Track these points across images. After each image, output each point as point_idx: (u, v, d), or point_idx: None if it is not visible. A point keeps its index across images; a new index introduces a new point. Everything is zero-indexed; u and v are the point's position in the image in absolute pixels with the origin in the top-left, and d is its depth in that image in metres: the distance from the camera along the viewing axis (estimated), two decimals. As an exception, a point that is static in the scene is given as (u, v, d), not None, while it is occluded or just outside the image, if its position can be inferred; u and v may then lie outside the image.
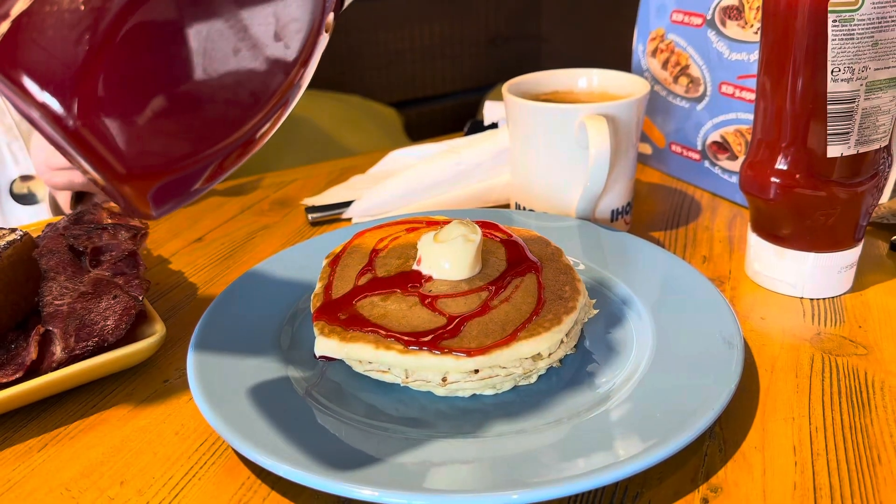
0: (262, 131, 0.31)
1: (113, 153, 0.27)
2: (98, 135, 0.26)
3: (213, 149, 0.29)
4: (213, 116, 0.29)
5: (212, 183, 0.30)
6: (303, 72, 0.31)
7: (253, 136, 0.31)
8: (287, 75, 0.30)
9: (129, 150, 0.27)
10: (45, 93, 0.26)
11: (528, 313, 0.42)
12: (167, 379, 0.47)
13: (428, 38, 1.98)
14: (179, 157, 0.28)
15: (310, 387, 0.43)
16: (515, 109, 0.58)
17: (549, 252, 0.48)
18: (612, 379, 0.42)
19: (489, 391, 0.41)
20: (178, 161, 0.28)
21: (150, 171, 0.28)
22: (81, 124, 0.26)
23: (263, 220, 0.70)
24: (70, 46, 0.26)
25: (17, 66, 0.26)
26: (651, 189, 0.72)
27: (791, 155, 0.49)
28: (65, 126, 0.26)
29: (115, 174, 0.27)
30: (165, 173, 0.28)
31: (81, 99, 0.26)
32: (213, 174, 0.30)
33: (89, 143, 0.26)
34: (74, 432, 0.42)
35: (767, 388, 0.43)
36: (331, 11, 0.32)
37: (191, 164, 0.29)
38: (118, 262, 0.50)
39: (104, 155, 0.27)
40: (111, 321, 0.45)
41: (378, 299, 0.44)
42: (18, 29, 0.26)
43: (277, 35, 0.30)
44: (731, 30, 0.63)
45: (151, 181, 0.28)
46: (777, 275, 0.53)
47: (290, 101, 0.32)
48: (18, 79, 0.26)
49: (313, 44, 0.31)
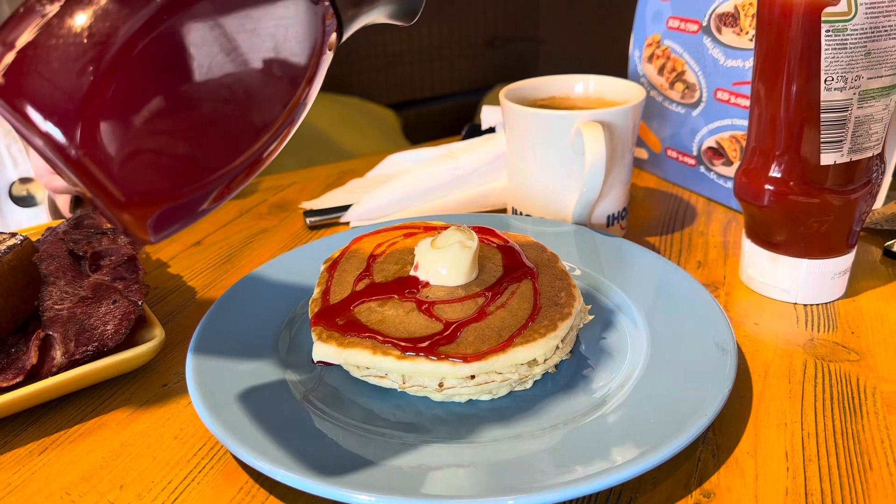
0: (268, 150, 0.32)
1: (113, 182, 0.27)
2: (99, 164, 0.27)
3: (218, 174, 0.29)
4: (219, 141, 0.29)
5: (218, 203, 0.31)
6: (308, 90, 0.32)
7: (260, 156, 0.31)
8: (292, 95, 0.31)
9: (130, 179, 0.27)
10: (48, 122, 0.26)
11: (524, 319, 0.42)
12: (166, 383, 0.47)
13: (426, 40, 1.99)
14: (181, 184, 0.29)
15: (307, 391, 0.43)
16: (512, 115, 0.59)
17: (545, 258, 0.49)
18: (607, 384, 0.43)
19: (485, 396, 0.42)
20: (180, 188, 0.29)
21: (151, 199, 0.28)
22: (83, 154, 0.26)
23: (262, 224, 0.71)
24: (73, 77, 0.26)
25: (21, 96, 0.26)
26: (647, 194, 0.73)
27: (785, 162, 0.50)
28: (66, 155, 0.26)
29: (114, 202, 0.27)
30: (166, 201, 0.29)
31: (83, 129, 0.26)
32: (220, 195, 0.30)
33: (90, 173, 0.27)
34: (74, 436, 0.43)
35: (760, 393, 0.44)
36: (332, 32, 0.33)
37: (193, 190, 0.29)
38: (117, 266, 0.50)
39: (105, 184, 0.27)
40: (111, 326, 0.46)
41: (375, 305, 0.44)
42: (23, 59, 0.26)
43: (280, 56, 0.30)
44: (726, 37, 0.64)
45: (151, 208, 0.28)
46: (771, 280, 0.53)
47: (296, 120, 0.32)
48: (22, 108, 0.26)
49: (317, 63, 0.32)
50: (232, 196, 0.31)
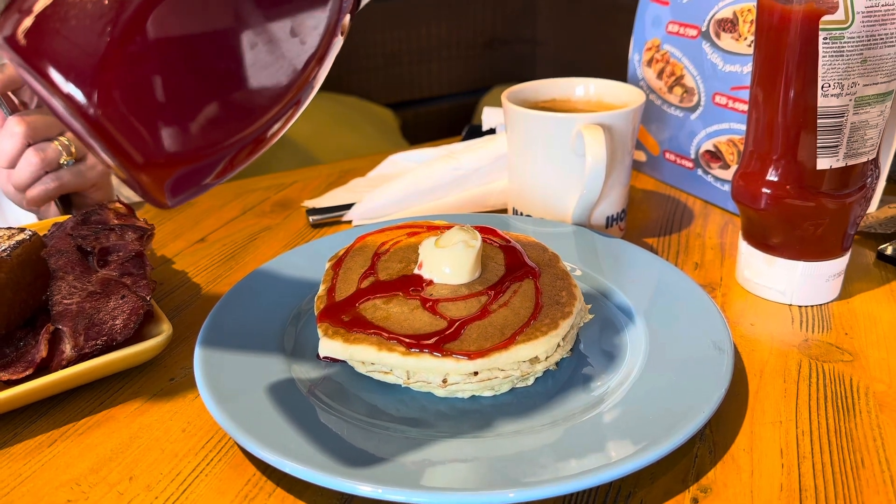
0: (272, 130, 0.32)
1: (131, 143, 0.27)
2: (118, 125, 0.27)
3: (228, 141, 0.30)
4: (229, 109, 0.30)
5: (221, 179, 0.31)
6: (317, 70, 0.32)
7: (264, 133, 0.32)
8: (302, 72, 0.31)
9: (147, 139, 0.28)
10: (70, 83, 0.27)
11: (526, 318, 0.43)
12: (173, 377, 0.48)
13: (425, 41, 1.99)
14: (194, 148, 0.29)
15: (313, 386, 0.44)
16: (514, 117, 0.60)
17: (546, 258, 0.50)
18: (607, 382, 0.44)
19: (488, 393, 0.43)
20: (192, 152, 0.29)
21: (166, 160, 0.29)
22: (102, 114, 0.27)
23: (265, 222, 0.71)
24: (93, 37, 0.27)
25: (43, 57, 0.27)
26: (645, 196, 0.74)
27: (782, 167, 0.51)
28: (86, 115, 0.27)
29: (132, 163, 0.28)
30: (180, 164, 0.29)
31: (103, 89, 0.27)
32: (224, 170, 0.31)
33: (109, 133, 0.27)
34: (83, 429, 0.43)
35: (756, 392, 0.45)
36: (347, 13, 0.33)
37: (205, 155, 0.30)
38: (125, 262, 0.51)
39: (123, 144, 0.27)
40: (119, 321, 0.46)
41: (381, 302, 0.45)
42: (43, 21, 0.27)
43: (294, 32, 0.31)
44: (725, 42, 0.65)
45: (166, 170, 0.29)
46: (767, 282, 0.54)
47: (303, 102, 0.32)
48: (44, 70, 0.27)
49: (328, 43, 0.32)
50: (235, 173, 0.32)
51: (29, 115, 0.62)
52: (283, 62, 0.31)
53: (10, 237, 0.49)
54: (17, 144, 0.61)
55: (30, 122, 0.61)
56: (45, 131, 0.62)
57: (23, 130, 0.61)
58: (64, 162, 0.63)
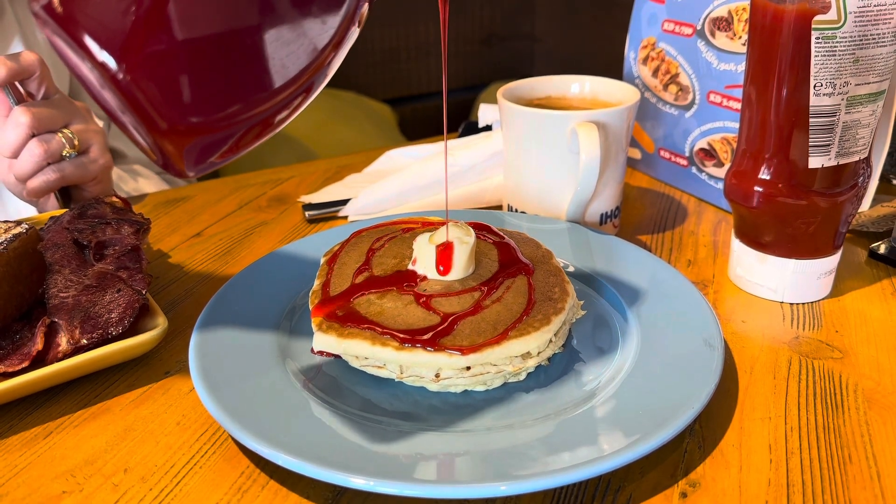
0: (281, 116, 0.33)
1: (157, 109, 0.29)
2: (146, 92, 0.29)
3: (246, 115, 0.31)
4: (251, 83, 0.31)
5: (238, 152, 0.33)
6: (332, 56, 0.33)
7: (281, 111, 0.33)
8: (322, 52, 0.32)
9: (172, 107, 0.29)
10: (103, 51, 0.28)
11: (518, 313, 0.44)
12: (168, 370, 0.48)
13: (423, 37, 1.99)
14: (215, 118, 0.30)
15: (307, 380, 0.44)
16: (510, 114, 0.60)
17: (539, 254, 0.50)
18: (598, 377, 0.44)
19: (480, 387, 0.43)
20: (213, 122, 0.31)
21: (188, 128, 0.30)
22: (131, 79, 0.28)
23: (261, 217, 0.72)
24: (125, 8, 0.28)
25: (78, 25, 0.28)
26: (639, 193, 0.74)
27: (774, 165, 0.51)
28: (117, 81, 0.28)
29: (157, 129, 0.29)
30: (201, 132, 0.31)
31: (134, 58, 0.29)
32: (240, 143, 0.33)
33: (138, 100, 0.29)
34: (78, 421, 0.44)
35: (746, 388, 0.45)
36: (366, 2, 0.34)
37: (225, 126, 0.31)
38: (121, 256, 0.52)
39: (150, 111, 0.29)
40: (115, 314, 0.47)
41: (374, 297, 0.45)
42: None
43: (317, 12, 0.32)
44: (720, 41, 0.65)
45: (188, 137, 0.30)
46: (759, 280, 0.55)
47: (314, 88, 0.33)
48: (80, 37, 0.28)
49: (346, 30, 0.33)
50: (242, 154, 0.33)
51: (35, 105, 0.62)
52: (304, 40, 0.32)
53: (6, 230, 0.49)
54: (22, 134, 0.61)
55: (35, 112, 0.61)
56: (49, 123, 0.63)
57: (28, 121, 0.61)
58: (66, 154, 0.64)
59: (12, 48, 0.81)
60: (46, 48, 0.83)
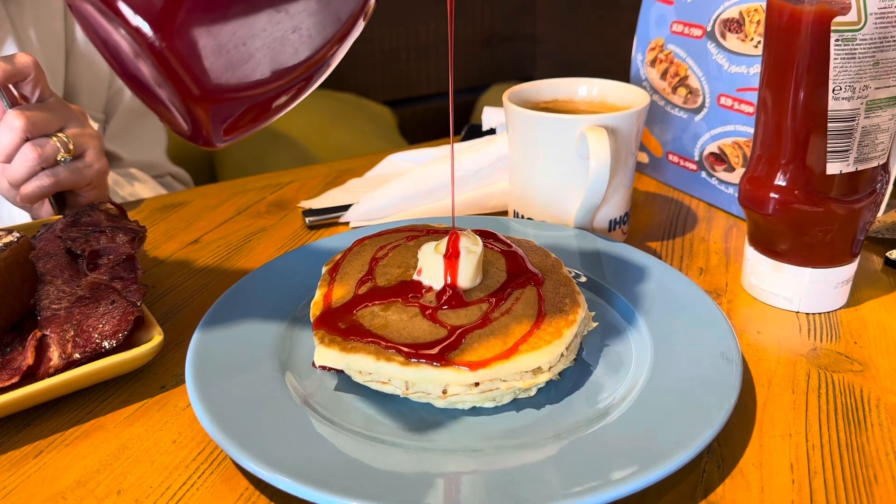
0: (305, 85, 0.34)
1: (190, 75, 0.30)
2: (180, 58, 0.29)
3: (275, 83, 0.32)
4: (278, 49, 0.32)
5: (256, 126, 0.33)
6: (336, 49, 0.33)
7: (300, 84, 0.33)
8: (341, 26, 0.33)
9: (206, 74, 0.30)
10: (138, 17, 0.29)
11: (528, 326, 0.42)
12: (164, 385, 0.47)
13: (423, 37, 1.98)
14: (245, 85, 0.31)
15: (308, 395, 0.42)
16: (516, 118, 0.59)
17: (549, 263, 0.49)
18: (612, 394, 0.42)
19: (489, 404, 0.41)
20: (243, 88, 0.31)
21: (220, 94, 0.31)
22: (167, 46, 0.29)
23: (260, 223, 0.70)
24: None
25: None
26: (647, 198, 0.73)
27: (790, 171, 0.50)
28: (153, 48, 0.29)
29: (190, 95, 0.30)
30: (231, 99, 0.31)
31: (169, 21, 0.29)
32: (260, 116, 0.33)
33: (172, 66, 0.29)
34: (70, 439, 0.42)
35: (764, 403, 0.44)
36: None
37: (254, 94, 0.32)
38: (116, 265, 0.50)
39: (183, 77, 0.30)
40: (109, 327, 0.45)
41: (378, 309, 0.43)
42: None
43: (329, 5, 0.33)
44: (730, 42, 0.64)
45: (219, 104, 0.31)
46: (774, 289, 0.53)
47: (334, 60, 0.34)
48: (115, 4, 0.29)
49: (353, 24, 0.34)
50: (284, 112, 0.34)
51: (29, 109, 0.61)
52: (329, 10, 0.33)
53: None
54: (16, 138, 0.60)
55: (29, 116, 0.60)
56: (44, 126, 0.61)
57: (22, 124, 0.59)
58: (61, 159, 0.62)
59: (5, 50, 0.79)
60: (40, 50, 0.82)
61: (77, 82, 0.88)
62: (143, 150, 0.96)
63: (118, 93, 0.93)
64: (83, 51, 0.87)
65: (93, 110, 0.90)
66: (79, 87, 0.88)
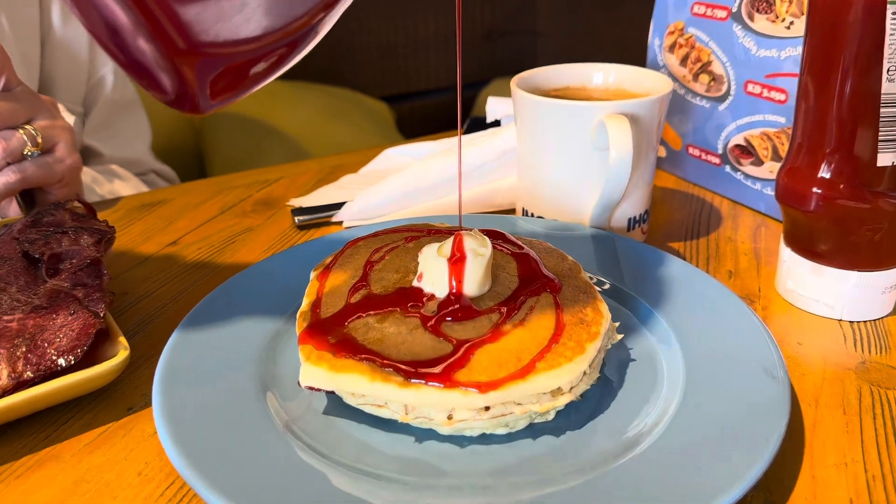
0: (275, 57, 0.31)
1: (176, 27, 0.28)
2: (165, 8, 0.27)
3: (266, 39, 0.30)
4: (265, 7, 0.29)
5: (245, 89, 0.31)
6: (323, 15, 0.31)
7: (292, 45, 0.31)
8: None
9: (191, 25, 0.28)
10: None
11: (545, 340, 0.37)
12: (131, 406, 0.41)
13: (422, 32, 1.93)
14: (235, 40, 0.29)
15: (292, 420, 0.37)
16: (526, 106, 0.53)
17: (565, 267, 0.43)
18: (641, 419, 0.37)
19: (501, 430, 0.36)
20: (233, 44, 0.29)
21: (207, 48, 0.29)
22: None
23: (246, 223, 0.64)
24: None
25: None
26: (666, 195, 0.67)
27: (835, 163, 0.44)
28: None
29: (175, 49, 0.28)
30: (219, 55, 0.29)
31: None
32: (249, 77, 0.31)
33: (156, 18, 0.27)
34: (21, 470, 0.37)
35: (813, 426, 0.38)
36: None
37: (244, 50, 0.29)
38: (78, 271, 0.44)
39: (168, 29, 0.28)
40: (66, 341, 0.40)
41: (374, 320, 0.38)
42: None
43: None
44: (759, 24, 0.58)
45: (206, 60, 0.29)
46: (813, 294, 0.48)
47: (329, 21, 0.32)
48: None
49: None
50: (275, 74, 0.31)
51: None
52: None
53: (-58, 242, 0.42)
54: None
55: None
56: (9, 118, 0.56)
57: None
58: (28, 153, 0.57)
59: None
60: (13, 37, 0.76)
61: (53, 72, 0.83)
62: (124, 145, 0.91)
63: (98, 84, 0.88)
64: (60, 39, 0.82)
65: (71, 102, 0.85)
66: (55, 77, 0.83)
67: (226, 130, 1.41)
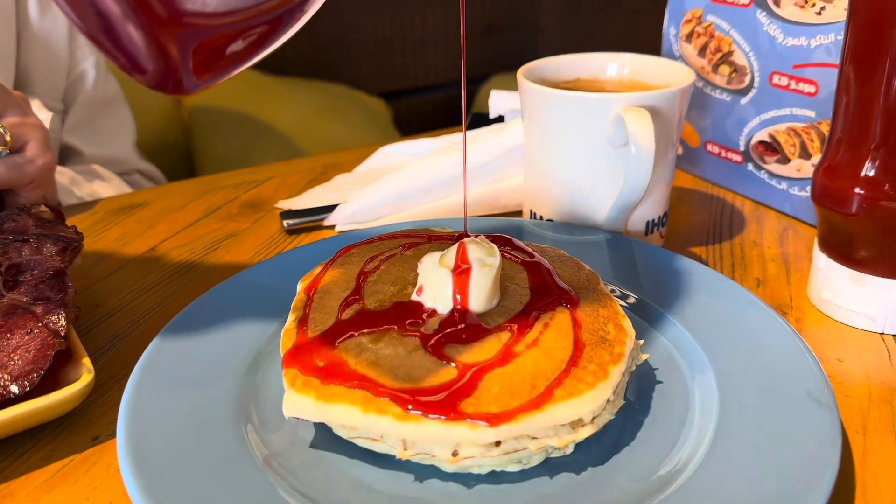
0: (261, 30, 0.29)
1: None
2: None
3: (245, 14, 0.28)
4: None
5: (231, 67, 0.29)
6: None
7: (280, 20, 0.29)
8: None
9: None
10: None
11: (563, 363, 0.32)
12: (97, 436, 0.37)
13: (420, 27, 1.88)
14: (220, 11, 0.27)
15: (272, 455, 0.33)
16: (534, 99, 0.49)
17: (582, 277, 0.39)
18: (673, 452, 0.32)
19: (513, 467, 0.32)
20: (217, 15, 0.27)
21: (190, 18, 0.27)
22: None
23: (230, 227, 0.60)
24: None
25: None
26: (682, 195, 0.63)
27: (880, 160, 0.40)
28: None
29: (157, 19, 0.26)
30: (203, 26, 0.27)
31: None
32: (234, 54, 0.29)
33: None
34: (-33, 513, 0.32)
35: (863, 456, 0.34)
36: None
37: (230, 22, 0.27)
38: (40, 283, 0.40)
39: None
40: (21, 364, 0.35)
41: (367, 340, 0.34)
42: None
43: None
44: (786, 10, 0.54)
45: (188, 31, 0.27)
46: (853, 305, 0.43)
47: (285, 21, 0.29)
48: None
49: None
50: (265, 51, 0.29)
51: None
52: None
53: None
54: None
55: None
56: None
57: None
58: None
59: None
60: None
61: (30, 67, 0.78)
62: (107, 143, 0.86)
63: (79, 79, 0.83)
64: (37, 31, 0.78)
65: (49, 99, 0.80)
66: (32, 72, 0.78)
67: (216, 128, 1.36)
